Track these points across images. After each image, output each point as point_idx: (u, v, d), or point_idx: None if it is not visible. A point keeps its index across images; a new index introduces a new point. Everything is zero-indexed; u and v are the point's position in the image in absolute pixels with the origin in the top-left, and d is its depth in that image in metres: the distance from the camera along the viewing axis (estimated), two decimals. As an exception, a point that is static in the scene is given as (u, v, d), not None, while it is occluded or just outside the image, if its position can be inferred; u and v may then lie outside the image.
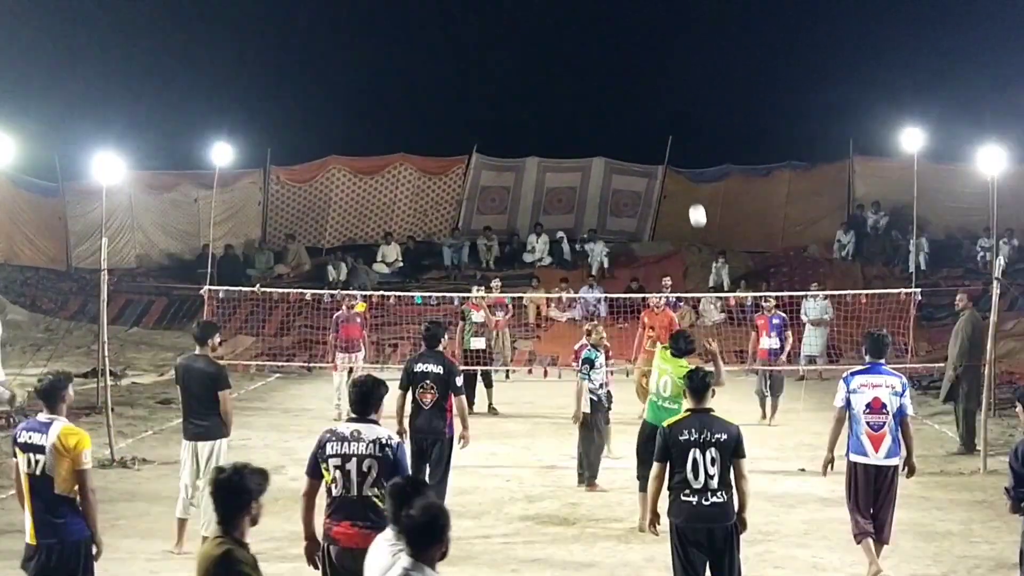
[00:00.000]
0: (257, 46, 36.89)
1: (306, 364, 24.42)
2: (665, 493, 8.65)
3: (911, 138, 23.57)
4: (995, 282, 15.96)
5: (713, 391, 8.71)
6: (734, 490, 8.45)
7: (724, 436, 8.40)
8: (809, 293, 23.59)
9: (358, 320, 20.15)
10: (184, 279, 28.68)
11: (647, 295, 21.98)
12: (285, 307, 26.33)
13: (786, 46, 36.21)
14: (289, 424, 18.88)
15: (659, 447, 8.57)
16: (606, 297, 26.54)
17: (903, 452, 10.50)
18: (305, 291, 24.23)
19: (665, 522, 8.71)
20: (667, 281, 23.35)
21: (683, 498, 8.36)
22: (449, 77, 37.25)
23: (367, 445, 7.57)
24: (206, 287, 22.03)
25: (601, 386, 13.97)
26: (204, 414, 11.27)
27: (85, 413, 18.38)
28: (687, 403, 8.72)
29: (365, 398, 7.87)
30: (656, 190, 33.13)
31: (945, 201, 30.15)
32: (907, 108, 26.94)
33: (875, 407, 10.35)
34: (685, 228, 32.38)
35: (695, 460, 8.30)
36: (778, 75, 35.51)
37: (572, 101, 37.64)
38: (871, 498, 10.44)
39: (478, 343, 20.47)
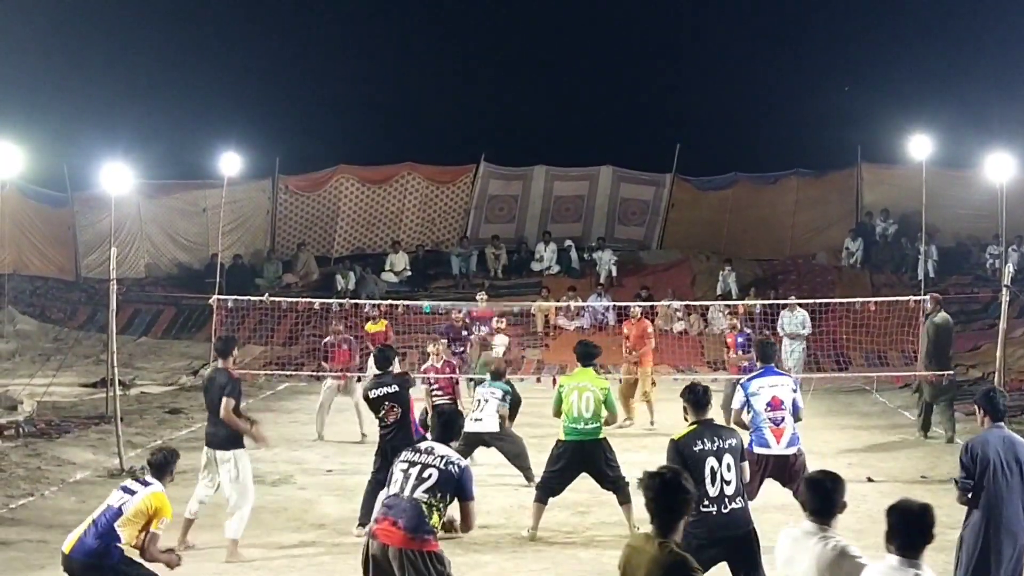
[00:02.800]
0: (265, 55, 36.95)
1: (315, 373, 24.35)
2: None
3: (919, 145, 23.54)
4: (1004, 289, 15.95)
5: (711, 405, 8.81)
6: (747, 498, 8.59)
7: (735, 441, 8.55)
8: (786, 303, 23.15)
9: (345, 346, 19.66)
10: (193, 289, 28.72)
11: (640, 304, 21.85)
12: (293, 316, 26.35)
13: (793, 53, 36.23)
14: (297, 434, 18.87)
15: (672, 460, 8.46)
16: (614, 305, 26.46)
17: (801, 443, 11.60)
18: (314, 300, 24.21)
19: None
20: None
21: (703, 510, 8.29)
22: (456, 86, 37.30)
23: (436, 458, 8.03)
24: (215, 297, 22.06)
25: None
26: (221, 424, 11.62)
27: (94, 423, 18.43)
28: (691, 416, 8.68)
29: (445, 427, 8.43)
30: (664, 198, 33.13)
31: (954, 208, 30.06)
32: (915, 115, 26.89)
33: (775, 404, 11.38)
34: (693, 236, 32.58)
35: (712, 468, 8.34)
36: (785, 82, 35.48)
37: (579, 109, 37.66)
38: (762, 481, 11.41)
39: None
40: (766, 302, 22.71)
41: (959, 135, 27.63)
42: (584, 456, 12.22)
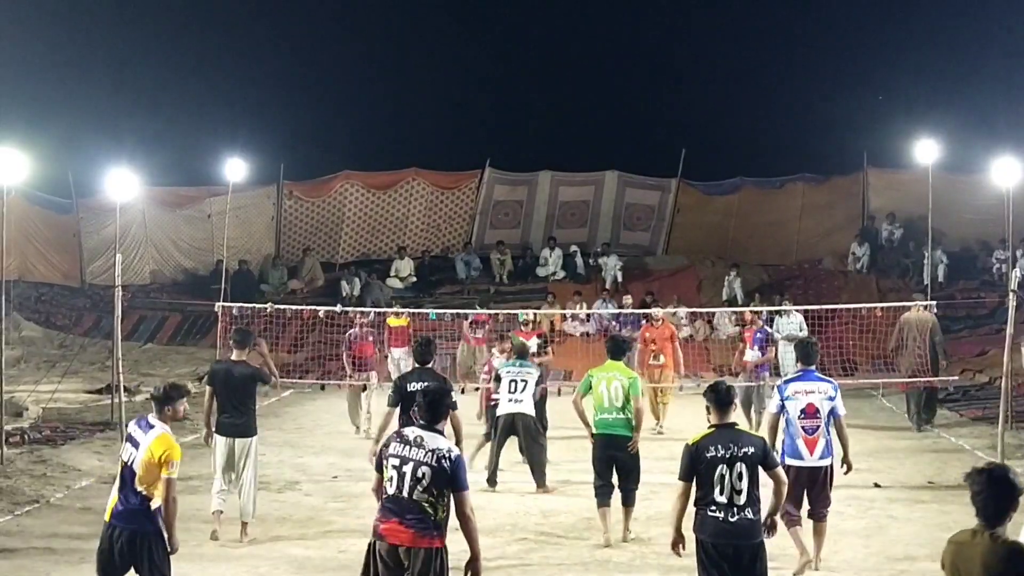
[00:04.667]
0: (269, 62, 37.00)
1: (319, 381, 24.37)
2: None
3: (925, 150, 23.51)
4: (1011, 294, 15.88)
5: (736, 405, 8.56)
6: (761, 506, 8.29)
7: (751, 450, 8.23)
8: (782, 309, 23.07)
9: (371, 338, 20.02)
10: (198, 295, 28.71)
11: (649, 310, 22.09)
12: (298, 323, 26.33)
13: (799, 58, 36.21)
14: (303, 440, 18.86)
15: (684, 466, 8.36)
16: (620, 313, 26.39)
17: (836, 451, 10.89)
18: (318, 308, 24.23)
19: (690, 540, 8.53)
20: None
21: (710, 514, 8.19)
22: (461, 91, 37.31)
23: (426, 453, 7.71)
24: (219, 303, 22.07)
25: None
26: (242, 412, 12.05)
27: (100, 429, 18.40)
28: (712, 418, 8.49)
29: (434, 407, 7.97)
30: (669, 203, 33.11)
31: (960, 213, 29.97)
32: (921, 119, 26.92)
33: (809, 412, 10.71)
34: (699, 241, 32.54)
35: (722, 476, 8.15)
36: (791, 87, 35.51)
37: (585, 115, 37.67)
38: (803, 494, 10.80)
39: None
40: (768, 308, 22.60)
41: (965, 139, 27.61)
42: (614, 448, 12.09)
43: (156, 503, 8.38)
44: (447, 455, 7.72)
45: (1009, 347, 15.87)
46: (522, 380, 14.78)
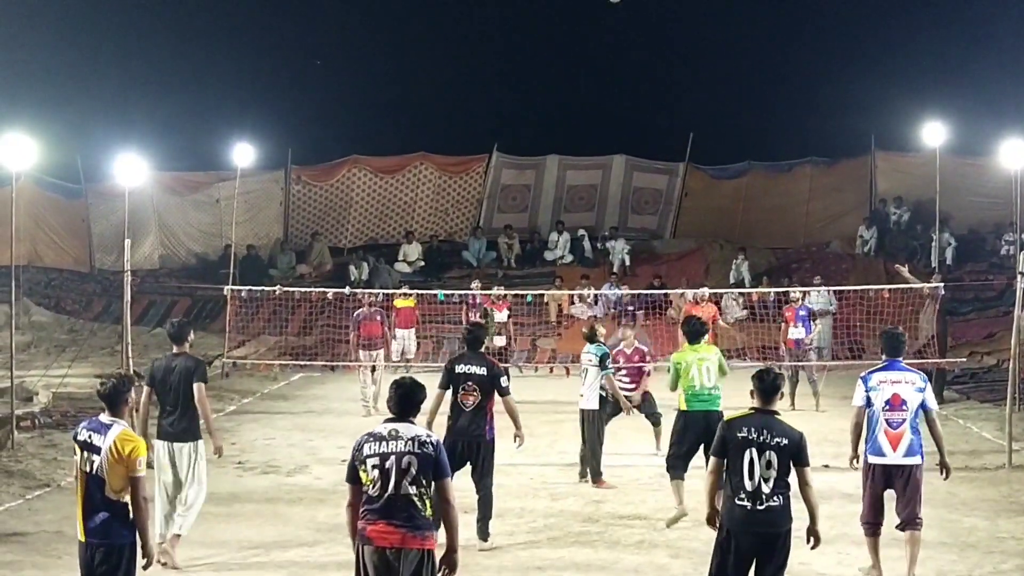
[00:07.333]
0: (277, 47, 36.97)
1: (329, 363, 24.47)
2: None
3: (933, 133, 23.50)
4: (1019, 276, 15.88)
5: (782, 394, 8.43)
6: (791, 494, 8.16)
7: (785, 441, 8.09)
8: (811, 289, 23.50)
9: (379, 318, 20.31)
10: (207, 279, 28.77)
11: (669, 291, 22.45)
12: (307, 306, 26.41)
13: (806, 41, 36.11)
14: (312, 423, 18.94)
15: (717, 441, 8.32)
16: (628, 295, 26.41)
17: (924, 450, 10.13)
18: (327, 290, 24.30)
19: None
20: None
21: (737, 502, 8.10)
22: (469, 76, 37.25)
23: (406, 443, 7.37)
24: (228, 287, 22.09)
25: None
26: (184, 413, 11.03)
27: (110, 414, 18.45)
28: (754, 402, 8.36)
29: (405, 400, 7.60)
30: (677, 187, 33.10)
31: (968, 196, 29.95)
32: (929, 102, 26.85)
33: (895, 404, 9.96)
34: (707, 225, 32.54)
35: (751, 461, 8.05)
36: (799, 70, 35.38)
37: (592, 99, 37.62)
38: (883, 497, 10.17)
39: (499, 341, 21.63)
40: (786, 290, 22.70)
41: (973, 122, 27.56)
42: (709, 425, 11.55)
43: (129, 523, 7.81)
44: (427, 440, 7.41)
45: (1017, 329, 15.88)
46: (585, 369, 14.41)
